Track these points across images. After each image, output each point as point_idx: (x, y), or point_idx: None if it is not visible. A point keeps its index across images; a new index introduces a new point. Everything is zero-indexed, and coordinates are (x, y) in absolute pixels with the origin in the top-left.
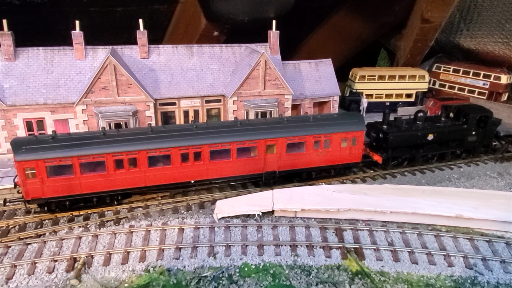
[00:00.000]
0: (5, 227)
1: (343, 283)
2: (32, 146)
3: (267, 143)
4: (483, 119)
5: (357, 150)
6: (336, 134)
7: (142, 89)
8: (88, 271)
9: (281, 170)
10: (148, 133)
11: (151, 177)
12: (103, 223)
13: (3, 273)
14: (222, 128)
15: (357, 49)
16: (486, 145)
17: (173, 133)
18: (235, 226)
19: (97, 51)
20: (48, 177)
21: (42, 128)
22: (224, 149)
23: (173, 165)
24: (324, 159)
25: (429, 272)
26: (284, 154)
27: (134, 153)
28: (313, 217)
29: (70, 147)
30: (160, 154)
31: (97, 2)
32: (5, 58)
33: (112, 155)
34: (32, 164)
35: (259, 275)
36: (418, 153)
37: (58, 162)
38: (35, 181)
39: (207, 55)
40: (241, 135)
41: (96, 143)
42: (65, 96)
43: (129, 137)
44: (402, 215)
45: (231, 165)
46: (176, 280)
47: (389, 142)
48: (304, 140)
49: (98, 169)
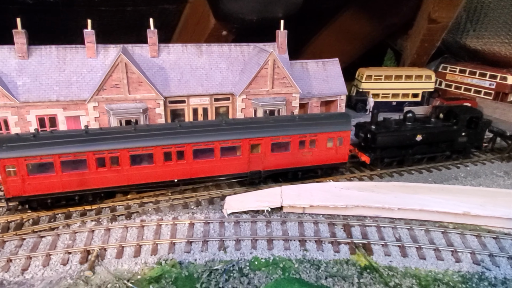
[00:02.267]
0: (19, 221)
1: (352, 277)
2: (13, 144)
3: (252, 143)
4: (474, 120)
5: (343, 150)
6: (322, 134)
7: (152, 87)
8: (102, 263)
9: (266, 169)
10: (131, 131)
11: (134, 175)
12: (115, 217)
13: (18, 264)
14: (206, 127)
15: (364, 49)
16: (477, 146)
17: (156, 132)
18: (245, 221)
19: (108, 49)
20: (29, 175)
21: (55, 124)
22: (207, 148)
23: (156, 164)
24: (310, 159)
25: (436, 267)
26: (269, 153)
27: (116, 152)
28: (321, 213)
29: (51, 145)
30: (143, 152)
31: (108, 1)
32: (18, 56)
33: (94, 153)
34: (13, 162)
35: (269, 268)
36: (407, 154)
37: (39, 160)
38: (15, 179)
39: (216, 54)
40: (225, 134)
41: (78, 141)
42: (77, 94)
43: (112, 135)
44: (409, 212)
45: (215, 164)
46: (187, 273)
47: (377, 142)
48: (289, 140)
49: (80, 168)
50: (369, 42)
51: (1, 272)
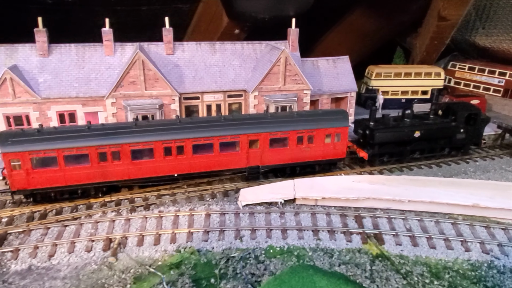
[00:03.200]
0: (43, 211)
1: (364, 265)
2: (18, 138)
3: (250, 138)
4: (472, 117)
5: (341, 146)
6: (319, 130)
7: (168, 84)
8: (124, 250)
9: (264, 165)
10: (132, 127)
11: (135, 170)
12: (134, 209)
13: (45, 251)
14: (205, 123)
15: (374, 47)
16: (476, 143)
17: (156, 127)
18: (259, 213)
19: (125, 47)
20: (33, 168)
21: (74, 120)
22: (206, 143)
23: (156, 159)
24: (307, 154)
25: (446, 256)
26: (267, 149)
27: (117, 146)
28: (333, 205)
29: (55, 140)
30: (143, 147)
31: (123, 1)
32: (39, 54)
33: (96, 148)
34: (18, 156)
35: (284, 256)
36: (405, 150)
37: (43, 155)
38: (20, 173)
39: (229, 52)
40: (224, 130)
41: (80, 136)
42: (96, 90)
43: (113, 131)
44: (419, 204)
45: (214, 159)
46: (206, 259)
47: (375, 138)
48: (287, 136)
49: (82, 162)
50: (378, 40)
51: (29, 258)
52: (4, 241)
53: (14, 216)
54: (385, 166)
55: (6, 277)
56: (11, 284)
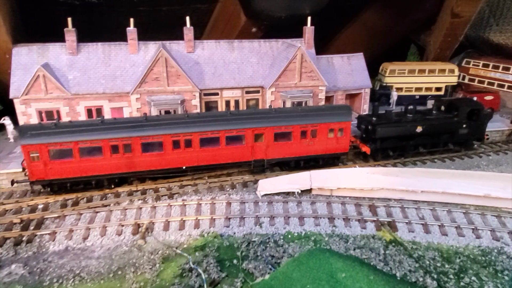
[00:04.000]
0: (75, 199)
1: (378, 249)
2: (37, 131)
3: (255, 132)
4: (475, 112)
5: (344, 141)
6: (322, 124)
7: (189, 80)
8: (151, 234)
9: (269, 158)
10: (142, 121)
11: (145, 162)
12: (159, 197)
13: (79, 234)
14: (212, 117)
15: (388, 44)
16: (478, 138)
17: (166, 121)
18: (277, 202)
19: (148, 46)
20: (50, 160)
21: (100, 114)
22: (213, 137)
23: (165, 152)
24: (311, 148)
25: (458, 242)
26: (272, 143)
27: (128, 140)
28: (348, 196)
29: (70, 133)
30: (153, 141)
31: (145, 2)
32: (69, 52)
33: (108, 141)
34: (36, 148)
35: (302, 241)
36: (407, 145)
37: (59, 147)
38: (38, 164)
39: (247, 50)
40: (230, 124)
41: (94, 129)
42: (121, 86)
43: (125, 124)
44: (432, 194)
45: (221, 152)
46: (228, 243)
47: (377, 133)
48: (291, 130)
49: (96, 154)
50: (392, 37)
51: (65, 240)
52: (42, 225)
53: (49, 203)
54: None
55: (46, 256)
56: (51, 263)
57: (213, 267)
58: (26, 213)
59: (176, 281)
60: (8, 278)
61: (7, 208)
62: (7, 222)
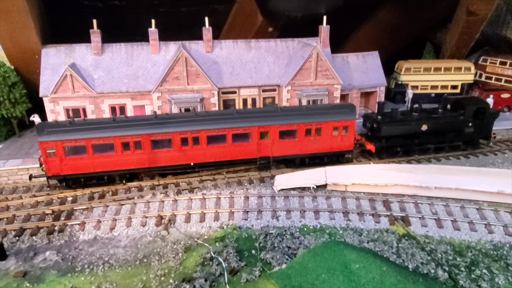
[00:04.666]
0: (101, 192)
1: (391, 242)
2: (53, 129)
3: (260, 130)
4: (481, 111)
5: (348, 138)
6: (327, 122)
7: (208, 79)
8: (173, 226)
9: (274, 155)
10: (152, 119)
11: (154, 159)
12: (180, 191)
13: (107, 224)
14: (219, 115)
15: (403, 43)
16: (485, 137)
17: (174, 119)
18: (293, 196)
19: (169, 46)
20: (66, 156)
21: (123, 112)
22: (220, 134)
23: (174, 148)
24: (316, 146)
25: (470, 237)
26: (277, 140)
27: (138, 137)
28: (362, 191)
29: (84, 131)
30: (162, 138)
31: (165, 3)
32: (94, 53)
33: (120, 138)
34: (52, 145)
35: (317, 233)
36: (412, 143)
37: (74, 143)
38: (54, 159)
39: (264, 49)
40: (236, 122)
41: (107, 127)
42: (143, 85)
43: (136, 122)
44: (446, 190)
45: (227, 149)
46: (247, 235)
47: (381, 131)
48: (296, 128)
49: (108, 151)
50: (408, 35)
51: (94, 230)
52: (72, 216)
53: (77, 195)
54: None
55: (77, 245)
56: (82, 250)
57: (232, 256)
58: (57, 205)
59: (198, 269)
60: (43, 264)
61: (39, 200)
62: (40, 213)
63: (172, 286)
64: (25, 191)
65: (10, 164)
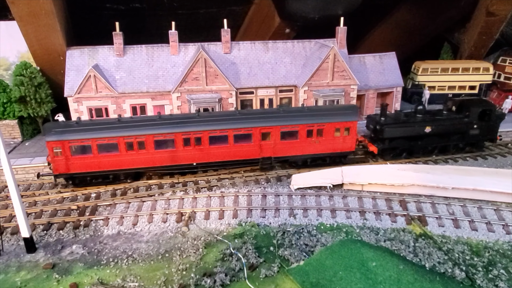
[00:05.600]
0: (123, 189)
1: (408, 242)
2: (60, 129)
3: (262, 131)
4: (487, 113)
5: (350, 140)
6: (329, 124)
7: (226, 80)
8: (193, 222)
9: (276, 156)
10: (156, 120)
11: (158, 158)
12: (199, 189)
13: (129, 220)
14: (222, 116)
15: (420, 43)
16: (491, 139)
17: (177, 120)
18: (310, 195)
19: (188, 47)
20: (72, 155)
21: (144, 112)
22: (222, 135)
23: (177, 149)
24: (317, 147)
25: (487, 238)
26: (278, 141)
27: (142, 137)
28: (379, 191)
29: (90, 131)
30: (165, 138)
31: (184, 5)
32: (116, 54)
33: (124, 138)
34: (59, 144)
35: (334, 232)
36: (416, 145)
37: (80, 143)
38: (61, 159)
39: (281, 50)
40: (238, 123)
41: (111, 127)
42: (163, 86)
43: (140, 123)
44: (463, 191)
45: (229, 150)
46: (265, 232)
47: (384, 133)
48: (297, 129)
49: (112, 150)
50: (425, 35)
51: (117, 225)
52: (96, 211)
53: (100, 192)
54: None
55: (101, 239)
56: (106, 245)
57: (251, 253)
58: (81, 201)
59: (218, 264)
60: (70, 257)
61: (64, 196)
62: (66, 208)
63: (194, 280)
64: (52, 187)
65: (36, 161)
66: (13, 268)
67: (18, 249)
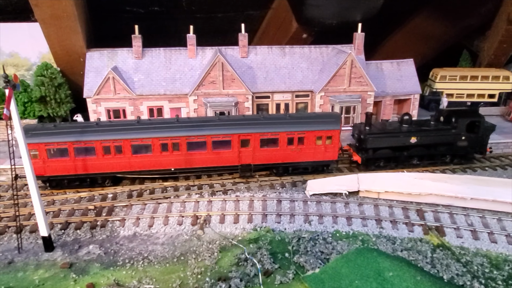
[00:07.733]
0: (139, 190)
1: (425, 252)
2: (37, 131)
3: (241, 138)
4: (476, 124)
5: (332, 149)
6: (310, 132)
7: (243, 84)
8: (209, 226)
9: (256, 163)
10: (134, 124)
11: (135, 163)
12: (214, 193)
13: (145, 222)
14: (201, 122)
15: (438, 50)
16: (480, 152)
17: (156, 125)
18: (325, 202)
19: (205, 51)
20: (48, 158)
21: (161, 114)
22: (200, 141)
23: (154, 154)
24: (299, 155)
25: (507, 251)
26: (258, 148)
27: (119, 141)
28: (395, 199)
29: (67, 134)
30: (142, 143)
31: (202, 9)
32: (135, 57)
33: (101, 142)
34: (36, 147)
35: (349, 240)
36: (401, 156)
37: (56, 146)
38: (38, 161)
39: (298, 55)
40: (217, 129)
41: (89, 131)
42: (180, 89)
43: (117, 127)
44: (482, 202)
45: (208, 156)
46: (280, 238)
47: (367, 143)
48: (278, 137)
49: (89, 154)
50: (443, 43)
51: (133, 227)
52: (112, 212)
53: (117, 193)
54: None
55: (118, 240)
56: (122, 245)
57: (266, 258)
58: (98, 201)
59: (233, 269)
60: (87, 257)
61: (81, 196)
62: (83, 208)
63: (209, 284)
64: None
65: None
66: (31, 266)
67: (36, 247)
